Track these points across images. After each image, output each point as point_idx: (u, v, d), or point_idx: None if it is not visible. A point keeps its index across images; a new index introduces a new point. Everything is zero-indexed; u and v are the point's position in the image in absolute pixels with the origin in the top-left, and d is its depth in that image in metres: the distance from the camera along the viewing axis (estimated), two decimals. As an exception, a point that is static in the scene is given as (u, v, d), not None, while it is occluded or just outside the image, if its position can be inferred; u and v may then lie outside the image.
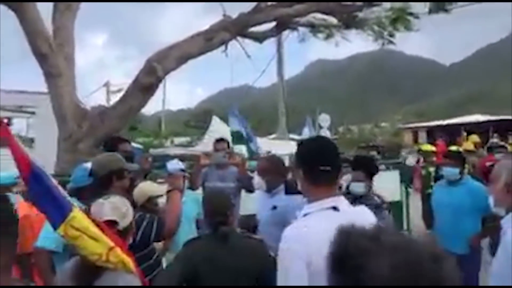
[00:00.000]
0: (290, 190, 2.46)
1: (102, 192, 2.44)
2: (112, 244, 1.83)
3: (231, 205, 2.49)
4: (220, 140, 4.93)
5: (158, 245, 3.11)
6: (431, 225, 5.00)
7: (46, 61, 6.30)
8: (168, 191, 2.75)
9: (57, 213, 1.75)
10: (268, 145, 12.92)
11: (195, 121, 50.34)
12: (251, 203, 4.31)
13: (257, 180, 3.53)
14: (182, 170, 4.76)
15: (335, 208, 1.71)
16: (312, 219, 1.72)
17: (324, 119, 15.55)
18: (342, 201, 1.78)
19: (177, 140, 22.65)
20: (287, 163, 4.73)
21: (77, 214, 1.79)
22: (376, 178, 3.67)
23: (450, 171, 4.11)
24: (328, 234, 1.64)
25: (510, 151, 8.88)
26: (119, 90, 25.06)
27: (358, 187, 3.46)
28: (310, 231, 1.65)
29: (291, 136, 16.66)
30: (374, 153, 9.67)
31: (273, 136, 22.88)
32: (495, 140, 14.46)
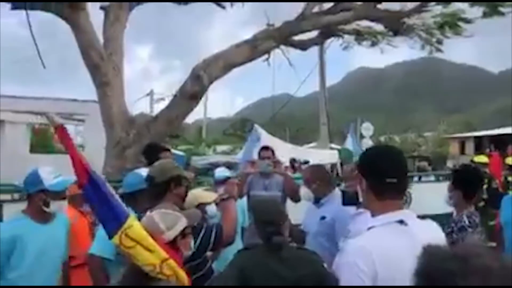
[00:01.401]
0: (348, 201, 2.35)
1: (158, 198, 2.44)
2: (166, 255, 1.80)
3: (284, 215, 2.42)
4: (265, 148, 4.88)
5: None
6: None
7: (97, 71, 6.53)
8: (223, 199, 2.73)
9: (112, 222, 1.75)
10: (307, 154, 12.76)
11: (234, 129, 50.96)
12: (296, 213, 4.24)
13: (303, 190, 3.48)
14: (229, 178, 4.78)
15: (402, 222, 1.61)
16: (378, 233, 1.62)
17: (367, 128, 15.29)
18: (409, 215, 1.67)
19: (219, 148, 22.88)
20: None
21: (133, 223, 1.78)
22: (425, 190, 3.46)
23: None
24: (395, 248, 1.56)
25: None
26: (161, 99, 25.78)
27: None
28: (375, 245, 1.56)
29: (332, 145, 16.44)
30: (424, 163, 9.27)
31: (312, 144, 22.69)
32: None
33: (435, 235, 1.73)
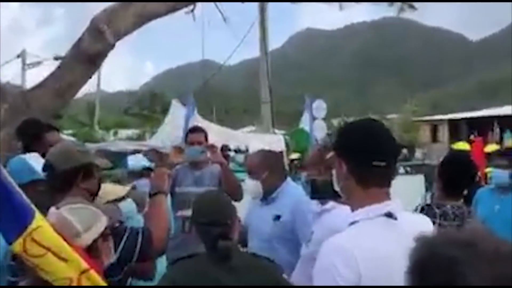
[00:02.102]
0: (320, 192, 2.48)
1: (59, 194, 2.40)
2: (85, 265, 1.81)
3: (232, 213, 2.49)
4: (196, 129, 4.91)
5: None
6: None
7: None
8: (152, 195, 2.73)
9: (13, 222, 1.72)
10: (243, 140, 12.88)
11: (140, 107, 49.99)
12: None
13: (250, 183, 3.56)
14: (149, 169, 4.77)
15: (390, 215, 1.75)
16: (361, 229, 1.75)
17: (319, 107, 15.57)
18: (397, 207, 1.82)
19: (123, 132, 22.45)
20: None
21: (42, 224, 1.76)
22: (394, 185, 3.63)
23: (500, 175, 4.25)
24: (383, 247, 1.70)
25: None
26: (38, 63, 24.63)
27: None
28: (358, 244, 1.69)
29: (275, 130, 16.74)
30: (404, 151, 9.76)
31: (248, 128, 22.97)
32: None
33: (425, 228, 1.88)
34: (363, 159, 1.78)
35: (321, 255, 1.73)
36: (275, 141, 12.89)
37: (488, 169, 7.97)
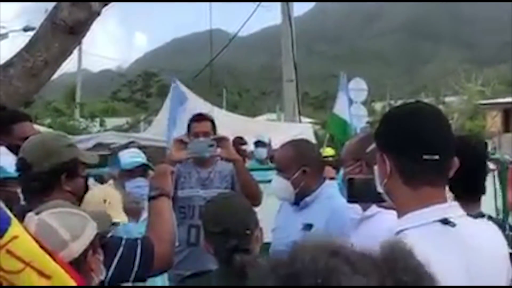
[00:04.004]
0: (358, 194, 2.50)
1: (38, 197, 2.46)
2: (72, 283, 1.86)
3: (253, 219, 2.53)
4: (200, 117, 4.90)
5: None
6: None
7: None
8: (152, 198, 2.77)
9: None
10: (263, 130, 12.81)
11: (131, 90, 50.09)
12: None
13: (278, 182, 3.56)
14: (146, 166, 4.81)
15: (446, 222, 1.77)
16: (411, 239, 1.75)
17: (357, 88, 15.34)
18: (456, 210, 1.84)
19: (111, 121, 22.58)
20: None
21: (19, 233, 1.81)
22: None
23: None
24: (438, 260, 1.71)
25: None
26: (4, 36, 24.85)
27: None
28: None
29: (302, 117, 16.65)
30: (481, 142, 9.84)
31: (267, 116, 22.95)
32: None
33: (494, 240, 1.92)
34: (411, 152, 1.80)
35: None
36: (303, 131, 12.84)
37: None
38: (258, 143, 10.36)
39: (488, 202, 6.98)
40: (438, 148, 1.80)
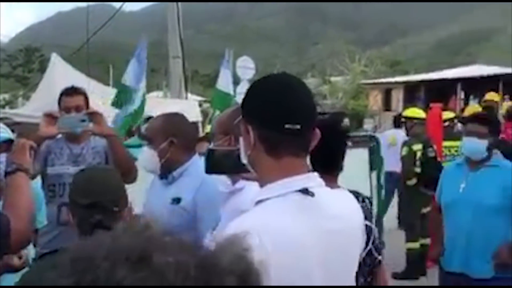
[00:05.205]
0: (217, 166, 2.47)
1: None
2: None
3: (121, 196, 2.48)
4: (73, 90, 4.74)
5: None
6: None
7: None
8: (8, 173, 2.67)
9: None
10: (149, 108, 12.64)
11: (11, 66, 48.34)
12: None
13: (145, 154, 3.56)
14: (12, 141, 4.59)
15: (306, 191, 1.77)
16: (271, 208, 1.77)
17: (245, 66, 15.40)
18: (316, 180, 1.85)
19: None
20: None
21: None
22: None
23: (474, 145, 4.30)
24: (296, 230, 1.73)
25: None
26: None
27: None
28: (267, 227, 1.71)
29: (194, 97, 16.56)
30: (346, 121, 9.95)
31: (155, 93, 22.74)
32: (509, 103, 15.84)
33: (351, 210, 1.97)
34: (273, 122, 1.79)
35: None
36: (187, 108, 12.80)
37: (447, 143, 8.35)
38: (146, 120, 10.28)
39: (363, 175, 7.25)
40: (299, 118, 1.80)
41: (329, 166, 2.81)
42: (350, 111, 29.26)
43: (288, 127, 1.77)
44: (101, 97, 9.89)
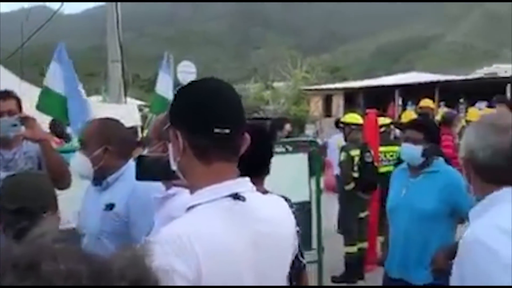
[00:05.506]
0: (148, 172, 2.45)
1: None
2: None
3: (50, 202, 2.44)
4: (5, 94, 4.64)
5: None
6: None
7: None
8: None
9: None
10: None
11: None
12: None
13: (77, 158, 3.52)
14: None
15: (237, 197, 1.77)
16: (202, 214, 1.76)
17: (186, 71, 15.40)
18: (246, 186, 1.85)
19: None
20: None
21: None
22: (273, 167, 3.44)
23: (410, 151, 4.40)
24: (227, 236, 1.72)
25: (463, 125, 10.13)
26: None
27: None
28: (198, 233, 1.70)
29: (128, 99, 16.35)
30: (288, 126, 9.99)
31: (94, 98, 22.41)
32: (444, 109, 16.27)
33: (282, 214, 1.97)
34: (201, 126, 1.78)
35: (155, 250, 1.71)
36: (126, 113, 12.66)
37: (383, 148, 8.50)
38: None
39: (304, 179, 7.26)
40: (228, 122, 1.79)
41: (257, 170, 2.84)
42: (292, 117, 29.30)
43: (217, 131, 1.76)
44: (29, 99, 9.68)
